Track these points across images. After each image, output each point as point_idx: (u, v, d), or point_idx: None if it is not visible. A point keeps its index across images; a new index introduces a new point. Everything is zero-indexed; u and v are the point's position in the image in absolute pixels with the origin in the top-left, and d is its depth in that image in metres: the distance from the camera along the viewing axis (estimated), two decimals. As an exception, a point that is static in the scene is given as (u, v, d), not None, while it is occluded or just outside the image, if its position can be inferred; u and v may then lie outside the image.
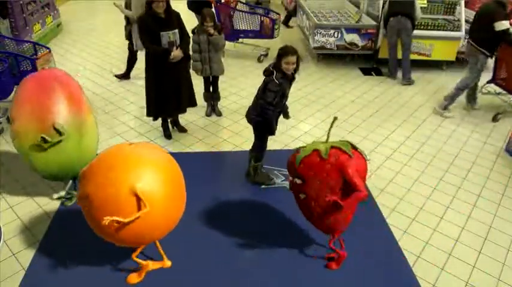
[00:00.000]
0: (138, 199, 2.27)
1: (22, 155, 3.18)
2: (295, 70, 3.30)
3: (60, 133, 3.01)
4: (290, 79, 3.35)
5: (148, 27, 3.86)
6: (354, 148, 2.70)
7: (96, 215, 2.34)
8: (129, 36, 5.56)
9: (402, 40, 6.12)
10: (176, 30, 3.94)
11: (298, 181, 2.73)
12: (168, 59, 3.94)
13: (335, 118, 2.82)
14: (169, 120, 4.60)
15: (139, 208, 2.28)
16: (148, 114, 4.36)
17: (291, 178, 2.85)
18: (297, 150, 2.82)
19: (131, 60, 5.92)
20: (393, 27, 6.07)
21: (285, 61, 3.19)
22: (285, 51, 3.19)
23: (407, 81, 6.27)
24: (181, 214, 2.65)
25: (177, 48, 3.97)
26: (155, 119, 4.42)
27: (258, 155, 3.74)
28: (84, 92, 3.37)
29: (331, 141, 2.73)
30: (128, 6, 5.34)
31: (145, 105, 4.36)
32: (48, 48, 5.06)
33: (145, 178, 2.33)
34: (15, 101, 3.10)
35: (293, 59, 3.18)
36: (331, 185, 2.59)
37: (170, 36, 3.91)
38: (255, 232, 3.26)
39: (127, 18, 5.44)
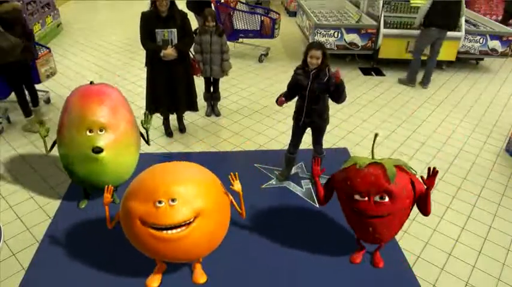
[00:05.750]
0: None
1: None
2: (321, 66, 3.29)
3: None
4: (311, 73, 3.33)
5: (146, 24, 3.95)
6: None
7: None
8: None
9: (435, 48, 6.01)
10: (174, 30, 3.94)
11: (384, 200, 2.49)
12: (160, 57, 3.97)
13: (376, 135, 2.81)
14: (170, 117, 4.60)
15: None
16: (146, 109, 4.39)
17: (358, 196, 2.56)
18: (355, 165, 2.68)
19: None
20: (432, 37, 5.91)
21: (310, 55, 3.27)
22: (310, 46, 3.33)
23: (426, 85, 6.20)
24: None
25: (172, 47, 3.98)
26: (150, 114, 4.43)
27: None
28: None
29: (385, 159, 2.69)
30: None
31: (144, 106, 4.37)
32: (48, 48, 5.06)
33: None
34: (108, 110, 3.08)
35: (316, 53, 3.24)
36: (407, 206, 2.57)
37: (165, 34, 3.94)
38: (255, 232, 3.26)
39: None
